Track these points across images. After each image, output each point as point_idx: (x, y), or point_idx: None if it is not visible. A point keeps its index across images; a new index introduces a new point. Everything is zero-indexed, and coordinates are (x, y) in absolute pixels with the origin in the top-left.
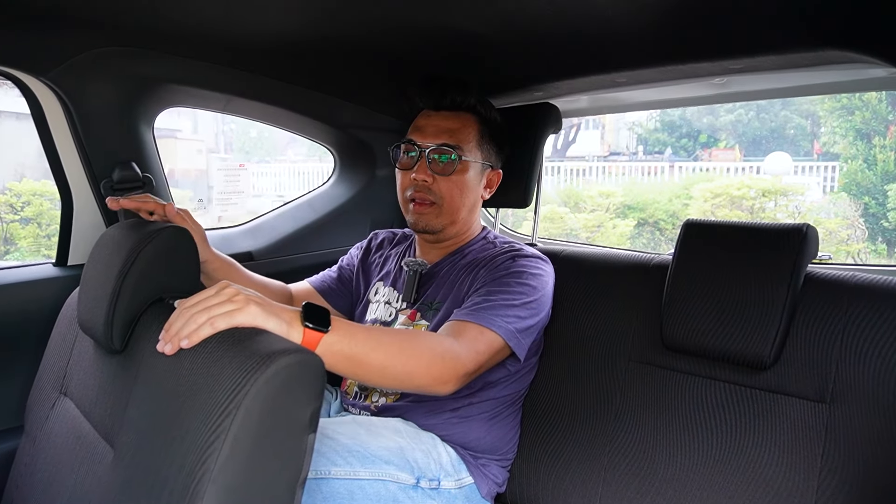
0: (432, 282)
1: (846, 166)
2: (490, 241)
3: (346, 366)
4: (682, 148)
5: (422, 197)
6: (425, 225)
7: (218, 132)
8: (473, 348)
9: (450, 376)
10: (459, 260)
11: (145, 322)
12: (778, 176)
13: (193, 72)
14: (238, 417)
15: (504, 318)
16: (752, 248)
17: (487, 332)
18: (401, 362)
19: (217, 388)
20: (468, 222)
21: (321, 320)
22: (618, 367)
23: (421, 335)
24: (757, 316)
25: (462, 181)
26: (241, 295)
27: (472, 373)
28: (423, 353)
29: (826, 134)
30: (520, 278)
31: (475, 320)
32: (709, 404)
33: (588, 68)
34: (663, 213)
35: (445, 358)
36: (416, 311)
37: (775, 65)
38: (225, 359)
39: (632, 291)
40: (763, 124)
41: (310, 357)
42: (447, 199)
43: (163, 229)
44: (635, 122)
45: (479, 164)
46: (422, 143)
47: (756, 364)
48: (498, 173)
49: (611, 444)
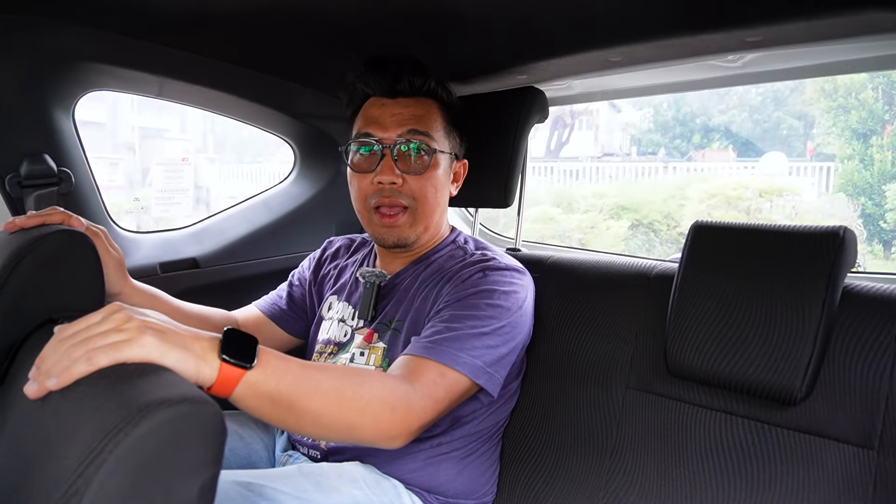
0: (392, 296)
1: (841, 167)
2: (460, 245)
3: (271, 412)
4: (676, 149)
5: (391, 202)
6: (397, 240)
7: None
8: (431, 395)
9: (399, 431)
10: (423, 269)
11: (29, 350)
12: (774, 176)
13: (118, 49)
14: (89, 495)
15: (470, 351)
16: (778, 255)
17: (449, 372)
18: (341, 413)
19: (69, 452)
20: (438, 226)
21: (244, 352)
22: (614, 395)
23: (368, 378)
24: (784, 339)
25: (436, 178)
26: (134, 321)
27: (427, 424)
28: (368, 403)
29: (820, 135)
30: (490, 298)
31: (434, 357)
32: (723, 444)
33: (577, 44)
34: (658, 213)
35: (396, 409)
36: (374, 331)
37: (801, 36)
38: (89, 408)
39: (630, 306)
40: (756, 125)
41: (202, 409)
42: (421, 201)
43: (52, 233)
44: (629, 123)
45: (448, 155)
46: (383, 136)
47: (784, 398)
48: (464, 164)
49: (606, 487)
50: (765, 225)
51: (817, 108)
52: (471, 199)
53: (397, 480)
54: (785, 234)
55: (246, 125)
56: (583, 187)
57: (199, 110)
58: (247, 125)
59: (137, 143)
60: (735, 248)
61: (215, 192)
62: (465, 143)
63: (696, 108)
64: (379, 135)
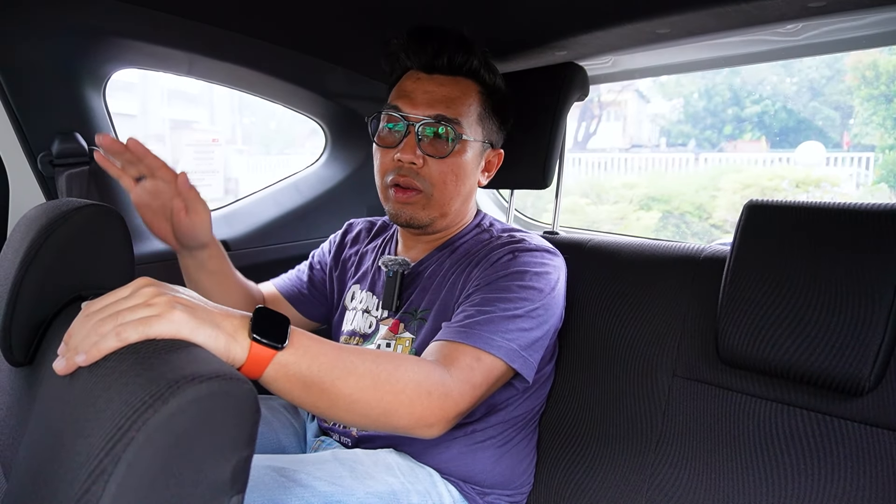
0: (416, 284)
1: (882, 157)
2: (485, 228)
3: (302, 395)
4: (707, 140)
5: (407, 183)
6: (409, 218)
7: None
8: (468, 381)
9: (437, 418)
10: (448, 255)
11: (58, 327)
12: (810, 167)
13: (148, 24)
14: (117, 475)
15: (504, 334)
16: (841, 235)
17: (485, 356)
18: (376, 397)
19: (98, 429)
20: (461, 213)
21: (275, 333)
22: (659, 383)
23: (404, 362)
24: (850, 326)
25: (459, 165)
26: (164, 296)
27: (464, 411)
28: (404, 387)
29: (858, 125)
30: (521, 280)
31: (469, 342)
32: (780, 437)
33: (621, 15)
34: (689, 204)
35: (433, 394)
36: (399, 321)
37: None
38: (118, 384)
39: (677, 290)
40: (790, 116)
41: (235, 386)
42: (438, 187)
43: (81, 208)
44: (658, 114)
45: (478, 143)
46: (411, 113)
47: (849, 388)
48: (499, 154)
49: (651, 479)
50: (828, 203)
51: (857, 97)
52: (505, 181)
53: (433, 469)
54: (849, 212)
55: (275, 114)
56: (612, 178)
57: (227, 102)
58: (277, 109)
59: (168, 134)
60: (793, 228)
61: (244, 184)
62: (504, 131)
63: (727, 98)
64: (407, 110)
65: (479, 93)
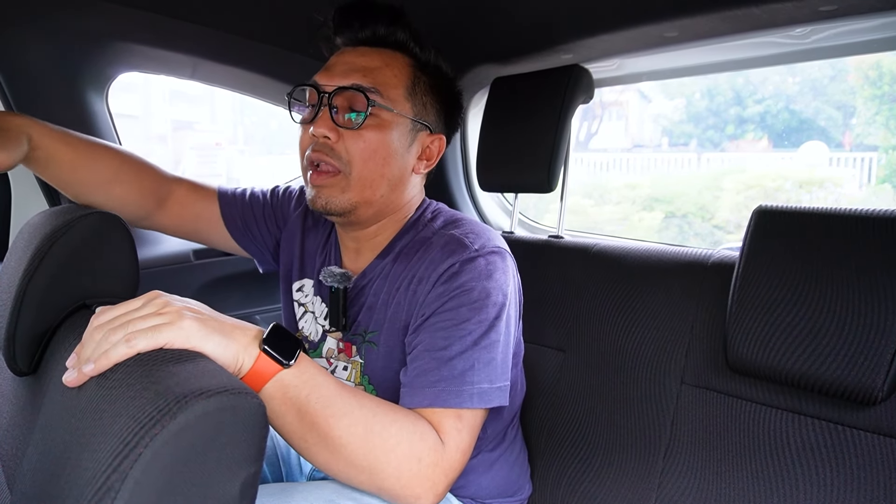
0: (361, 300)
1: (885, 157)
2: (425, 222)
3: (294, 422)
4: (708, 140)
5: (319, 158)
6: (325, 203)
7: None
8: (458, 447)
9: (423, 488)
10: (391, 264)
11: (63, 336)
12: (813, 167)
13: (151, 27)
14: (124, 492)
15: (473, 381)
16: (853, 241)
17: (464, 412)
18: (364, 448)
19: (104, 444)
20: (393, 203)
21: (284, 349)
22: (667, 391)
23: (401, 417)
24: (863, 333)
25: (381, 142)
26: (174, 306)
27: (452, 481)
28: (396, 445)
29: (860, 125)
30: (470, 296)
31: (443, 404)
32: (791, 446)
33: (628, 18)
34: (692, 205)
35: (423, 460)
36: (350, 343)
37: (883, 2)
38: (125, 398)
39: (684, 296)
40: (793, 115)
41: (243, 400)
42: (357, 165)
43: (85, 216)
44: (660, 114)
45: (406, 119)
46: (325, 83)
47: (862, 397)
48: (440, 139)
49: (659, 488)
50: (836, 209)
51: (860, 97)
52: (510, 185)
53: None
54: (860, 218)
55: (277, 115)
56: (614, 178)
57: (228, 102)
58: (279, 109)
59: (169, 134)
60: (803, 234)
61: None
62: (451, 119)
63: (730, 97)
64: (322, 82)
65: (409, 66)
